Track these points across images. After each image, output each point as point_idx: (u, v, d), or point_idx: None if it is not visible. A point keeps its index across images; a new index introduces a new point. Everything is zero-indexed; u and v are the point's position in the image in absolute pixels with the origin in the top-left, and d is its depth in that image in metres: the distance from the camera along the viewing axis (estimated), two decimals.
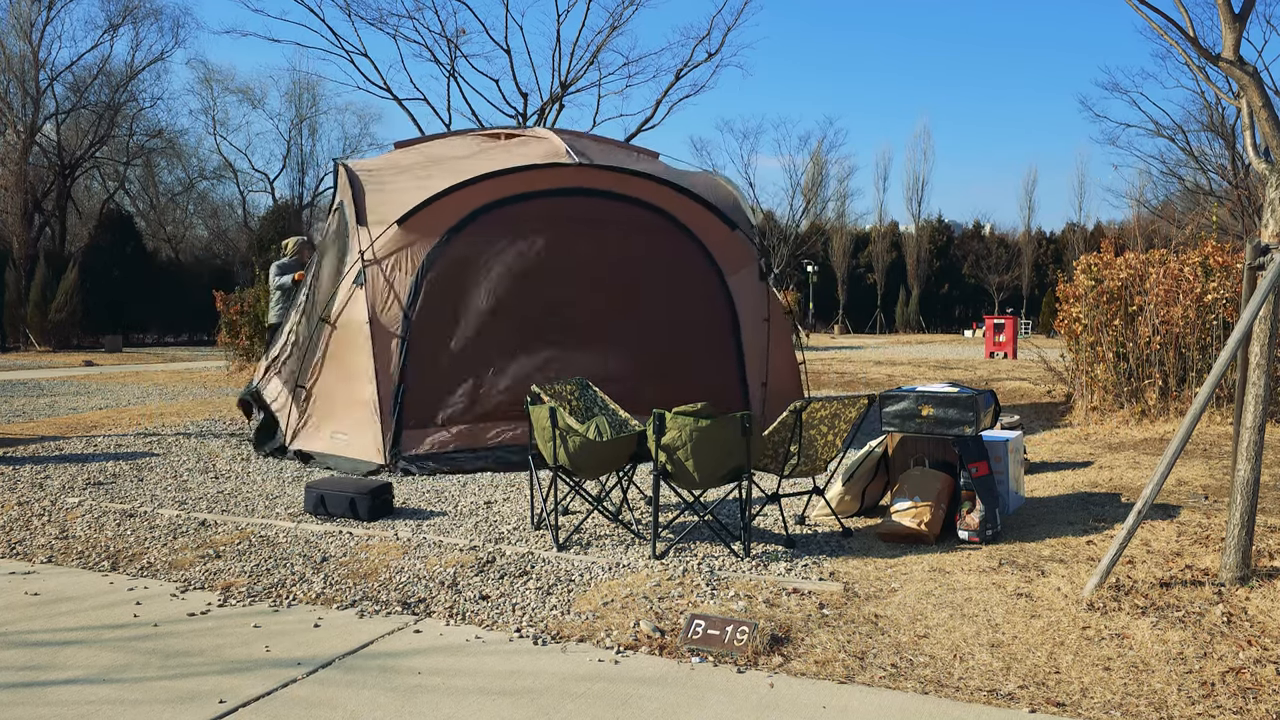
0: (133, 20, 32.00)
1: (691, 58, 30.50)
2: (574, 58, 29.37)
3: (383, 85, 35.96)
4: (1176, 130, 31.83)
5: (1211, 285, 8.17)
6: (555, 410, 4.66)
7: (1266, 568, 4.13)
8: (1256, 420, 3.96)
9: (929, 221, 48.91)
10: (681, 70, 29.88)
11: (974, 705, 3.03)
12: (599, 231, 7.12)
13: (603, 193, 7.20)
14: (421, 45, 40.15)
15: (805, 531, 5.06)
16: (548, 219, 7.07)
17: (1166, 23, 4.31)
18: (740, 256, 7.39)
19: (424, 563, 4.50)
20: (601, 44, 29.23)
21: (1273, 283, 3.84)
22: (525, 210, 7.07)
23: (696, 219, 7.33)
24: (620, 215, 7.13)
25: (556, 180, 7.15)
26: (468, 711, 3.03)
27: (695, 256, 7.26)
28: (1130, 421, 8.33)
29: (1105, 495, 5.69)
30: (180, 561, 4.60)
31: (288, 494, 5.97)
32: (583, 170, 7.19)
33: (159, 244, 34.52)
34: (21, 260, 26.39)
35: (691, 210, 7.34)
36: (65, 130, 31.46)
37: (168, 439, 8.16)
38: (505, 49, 33.34)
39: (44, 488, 6.16)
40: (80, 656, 3.47)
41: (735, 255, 7.40)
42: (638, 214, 7.20)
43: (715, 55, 29.77)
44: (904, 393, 5.07)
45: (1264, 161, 4.08)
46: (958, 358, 20.78)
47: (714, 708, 3.04)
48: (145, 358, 21.90)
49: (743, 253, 7.41)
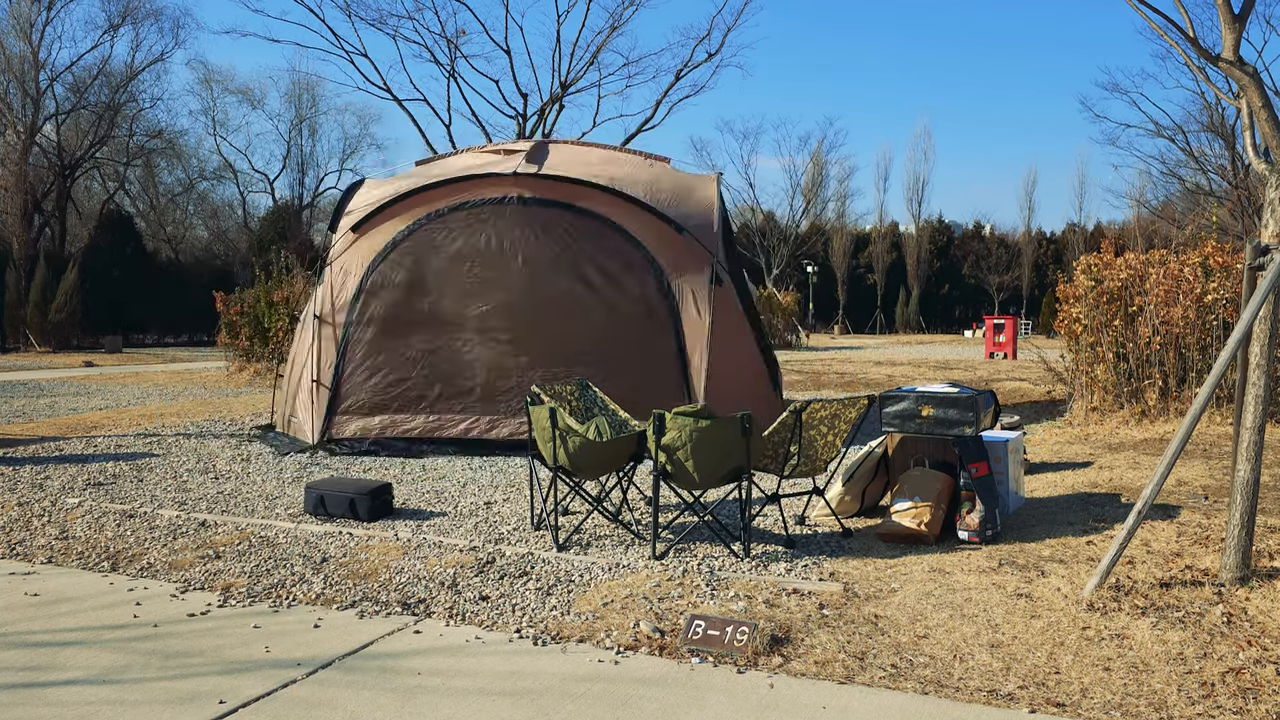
0: (133, 21, 32.03)
1: (691, 58, 30.56)
2: (574, 58, 29.43)
3: (383, 86, 35.98)
4: (1176, 131, 31.89)
5: (1211, 285, 8.17)
6: (555, 410, 4.66)
7: (1266, 568, 4.13)
8: (1256, 420, 3.96)
9: (929, 222, 48.93)
10: (681, 70, 29.93)
11: (974, 705, 3.03)
12: (541, 237, 7.55)
13: (550, 201, 7.62)
14: (421, 46, 40.22)
15: (805, 532, 5.06)
16: (490, 226, 7.58)
17: (1166, 23, 4.31)
18: (687, 259, 7.58)
19: (424, 563, 4.50)
20: (601, 44, 29.27)
21: (1273, 283, 3.84)
22: (469, 217, 7.62)
23: (643, 225, 7.60)
24: (565, 222, 7.56)
25: (500, 189, 7.62)
26: (468, 712, 3.03)
27: (638, 260, 7.53)
28: (1130, 422, 8.33)
29: (1105, 495, 5.69)
30: (180, 562, 4.60)
31: (288, 494, 5.98)
32: (521, 179, 7.62)
33: (159, 244, 34.53)
34: (21, 260, 26.40)
35: (638, 217, 7.62)
36: (65, 131, 31.47)
37: (168, 439, 8.17)
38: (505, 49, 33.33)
39: (44, 488, 6.16)
40: (80, 657, 3.47)
41: (682, 258, 7.60)
42: (583, 221, 7.57)
43: (715, 55, 29.85)
44: (904, 393, 5.07)
45: (1264, 162, 4.08)
46: (958, 358, 20.78)
47: (714, 708, 3.04)
48: (145, 358, 21.90)
49: (691, 256, 7.59)
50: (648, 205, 7.62)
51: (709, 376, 7.33)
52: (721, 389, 7.30)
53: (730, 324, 7.68)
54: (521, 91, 29.18)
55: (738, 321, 7.77)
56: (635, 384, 7.03)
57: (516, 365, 7.37)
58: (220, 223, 39.97)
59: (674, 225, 7.58)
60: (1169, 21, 4.30)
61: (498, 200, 7.61)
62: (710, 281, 7.57)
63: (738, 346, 7.75)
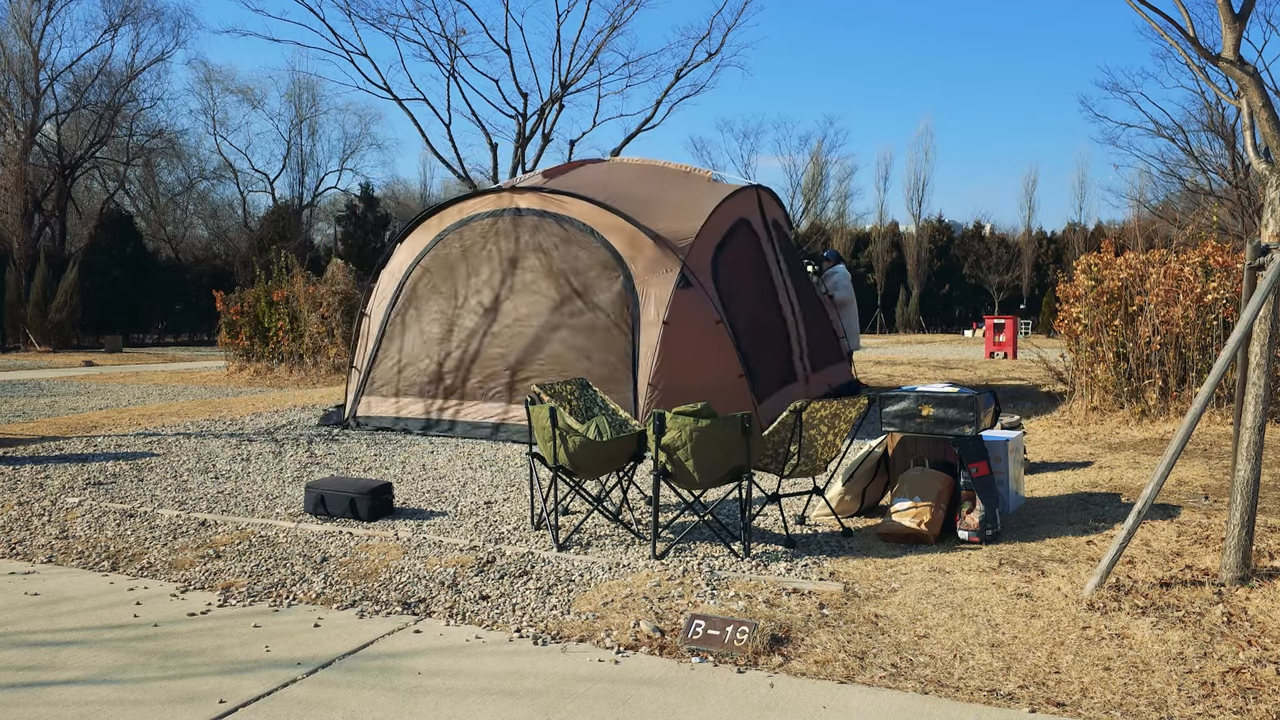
0: (133, 20, 32.03)
1: (691, 58, 30.56)
2: (574, 58, 29.42)
3: (383, 85, 36.03)
4: (1177, 130, 31.86)
5: (1211, 285, 8.17)
6: (555, 410, 4.66)
7: (1266, 568, 4.13)
8: (1256, 420, 3.96)
9: (930, 221, 48.90)
10: (681, 70, 29.92)
11: (974, 705, 3.03)
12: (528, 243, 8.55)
13: (540, 211, 8.49)
14: (421, 45, 40.23)
15: (805, 531, 5.06)
16: (489, 236, 8.64)
17: (1166, 23, 4.31)
18: (657, 264, 7.90)
19: (424, 563, 4.50)
20: (601, 44, 29.26)
21: (1273, 283, 3.84)
22: (480, 228, 8.70)
23: (616, 232, 8.11)
24: (548, 229, 8.47)
25: (500, 203, 8.66)
26: (468, 712, 3.03)
27: (610, 264, 8.09)
28: (1130, 421, 8.33)
29: (1105, 495, 5.69)
30: (180, 561, 4.60)
31: (288, 494, 5.98)
32: (518, 193, 8.61)
33: (159, 244, 34.53)
34: (21, 260, 26.39)
35: (614, 223, 8.14)
36: (65, 130, 31.47)
37: (168, 439, 8.17)
38: (505, 49, 33.38)
39: (44, 488, 6.16)
40: (80, 657, 3.47)
41: (652, 263, 7.92)
42: (564, 229, 8.43)
43: (715, 55, 29.83)
44: (904, 393, 5.07)
45: (1264, 161, 4.08)
46: (958, 358, 20.78)
47: (714, 708, 3.04)
48: (145, 358, 21.90)
49: (660, 261, 7.90)
50: (615, 210, 8.12)
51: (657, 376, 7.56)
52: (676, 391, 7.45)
53: (699, 325, 7.84)
54: (521, 91, 29.19)
55: (710, 323, 7.90)
56: (596, 382, 7.56)
57: (501, 357, 8.26)
58: (220, 222, 39.99)
59: (648, 233, 7.97)
60: (1169, 21, 4.30)
61: (498, 213, 8.62)
62: (678, 285, 7.78)
63: (709, 346, 7.87)
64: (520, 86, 29.22)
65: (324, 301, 14.77)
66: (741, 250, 8.92)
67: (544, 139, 29.44)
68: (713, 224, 8.42)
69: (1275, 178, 3.99)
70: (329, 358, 14.66)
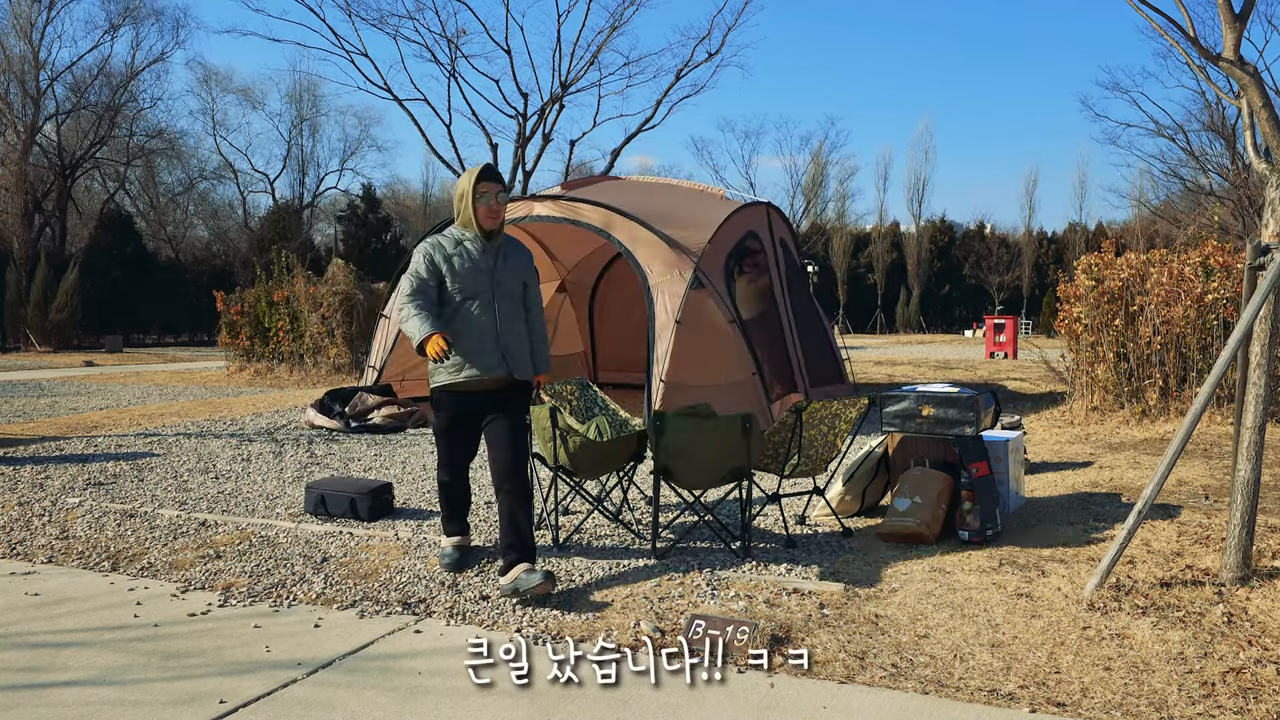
0: (133, 21, 32.07)
1: (692, 58, 30.58)
2: (574, 58, 29.42)
3: (383, 86, 35.98)
4: (1177, 130, 31.91)
5: (1212, 285, 8.17)
6: (555, 410, 4.65)
7: (1267, 568, 4.12)
8: (1257, 420, 3.96)
9: (930, 221, 48.91)
10: (682, 70, 29.93)
11: (974, 705, 3.03)
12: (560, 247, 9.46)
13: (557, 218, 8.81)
14: (422, 45, 40.16)
15: (805, 531, 5.06)
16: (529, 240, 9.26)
17: (1167, 22, 4.31)
18: (671, 267, 8.02)
19: (424, 563, 4.50)
20: (602, 44, 29.28)
21: (1273, 283, 3.84)
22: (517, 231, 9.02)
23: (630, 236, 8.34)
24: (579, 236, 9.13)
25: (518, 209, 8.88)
26: (468, 711, 3.03)
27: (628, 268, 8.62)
28: (1130, 421, 8.33)
29: (1105, 495, 5.69)
30: (180, 562, 4.60)
31: (288, 494, 5.97)
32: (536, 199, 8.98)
33: (159, 244, 34.55)
34: (22, 260, 26.41)
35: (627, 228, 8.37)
36: (65, 130, 31.49)
37: (168, 439, 8.17)
38: (505, 49, 33.35)
39: (44, 488, 6.16)
40: (80, 657, 3.47)
41: (666, 266, 8.04)
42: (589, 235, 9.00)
43: (715, 55, 29.85)
44: (904, 393, 5.07)
45: (1264, 161, 4.08)
46: (958, 358, 20.78)
47: (714, 708, 3.04)
48: (145, 358, 21.91)
49: (674, 263, 8.03)
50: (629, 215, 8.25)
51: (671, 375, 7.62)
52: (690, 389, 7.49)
53: (712, 325, 7.93)
54: (522, 91, 29.19)
55: (723, 323, 7.98)
56: None
57: None
58: (220, 223, 40.01)
59: (663, 238, 8.09)
60: (1170, 21, 4.30)
61: (516, 219, 8.74)
62: (690, 286, 7.88)
63: (722, 345, 7.97)
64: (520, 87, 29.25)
65: (324, 302, 14.77)
66: (749, 260, 9.10)
67: (544, 139, 29.45)
68: (724, 232, 8.56)
69: (1275, 178, 3.99)
70: (329, 358, 14.66)
